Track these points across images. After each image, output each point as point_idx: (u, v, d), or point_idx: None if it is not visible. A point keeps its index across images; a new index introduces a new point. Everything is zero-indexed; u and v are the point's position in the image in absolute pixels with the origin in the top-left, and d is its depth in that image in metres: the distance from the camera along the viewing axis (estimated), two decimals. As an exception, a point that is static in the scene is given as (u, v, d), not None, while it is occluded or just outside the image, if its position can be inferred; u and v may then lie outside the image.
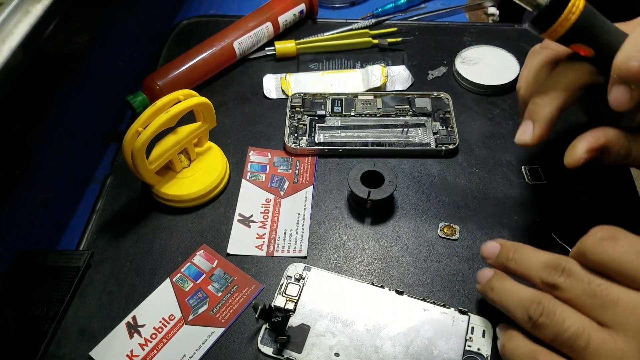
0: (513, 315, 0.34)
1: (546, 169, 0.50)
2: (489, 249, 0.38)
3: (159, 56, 0.63)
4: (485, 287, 0.37)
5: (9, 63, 0.34)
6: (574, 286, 0.32)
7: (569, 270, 0.32)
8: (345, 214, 0.48)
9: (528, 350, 0.32)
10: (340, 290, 0.42)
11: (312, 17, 0.66)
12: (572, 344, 0.30)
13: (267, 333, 0.40)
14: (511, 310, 0.34)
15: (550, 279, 0.33)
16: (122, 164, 0.50)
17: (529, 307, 0.32)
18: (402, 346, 0.39)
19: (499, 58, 0.59)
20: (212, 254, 0.45)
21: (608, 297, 0.30)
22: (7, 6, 0.36)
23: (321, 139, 0.52)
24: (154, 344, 0.40)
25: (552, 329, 0.31)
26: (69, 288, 0.42)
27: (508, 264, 0.36)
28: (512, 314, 0.34)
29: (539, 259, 0.34)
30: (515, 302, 0.34)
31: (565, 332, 0.30)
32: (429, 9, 0.70)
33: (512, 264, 0.36)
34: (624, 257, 0.30)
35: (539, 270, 0.34)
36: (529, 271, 0.35)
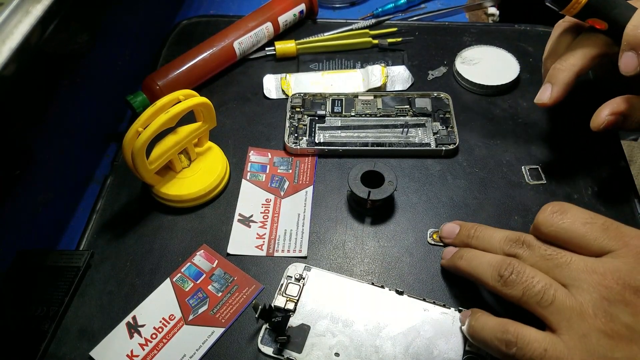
0: (482, 278, 0.36)
1: (546, 169, 0.50)
2: (448, 229, 0.43)
3: (159, 56, 0.63)
4: (453, 257, 0.40)
5: (9, 63, 0.34)
6: (533, 254, 0.35)
7: (527, 242, 0.36)
8: (345, 214, 0.48)
9: (496, 323, 0.34)
10: (340, 290, 0.42)
11: (312, 17, 0.66)
12: (540, 299, 0.33)
13: (267, 333, 0.40)
14: (481, 273, 0.37)
15: (511, 250, 0.36)
16: (122, 164, 0.50)
17: (499, 266, 0.35)
18: (402, 346, 0.39)
19: (499, 58, 0.59)
20: (212, 254, 0.45)
21: (562, 259, 0.34)
22: (7, 6, 0.36)
23: (321, 139, 0.52)
24: (154, 344, 0.40)
25: (521, 285, 0.34)
26: (69, 288, 0.43)
27: (469, 241, 0.40)
28: (481, 276, 0.37)
29: (500, 235, 0.38)
30: (485, 265, 0.37)
31: (534, 287, 0.33)
32: (429, 9, 0.70)
33: (473, 240, 0.40)
34: (572, 227, 0.34)
35: (500, 244, 0.37)
36: (490, 245, 0.38)
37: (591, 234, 0.34)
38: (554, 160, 0.51)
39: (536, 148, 0.52)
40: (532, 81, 0.58)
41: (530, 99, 0.56)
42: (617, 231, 0.34)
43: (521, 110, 0.55)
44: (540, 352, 0.32)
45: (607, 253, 0.33)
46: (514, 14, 0.70)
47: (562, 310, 0.32)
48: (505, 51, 0.59)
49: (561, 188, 0.48)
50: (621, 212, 0.47)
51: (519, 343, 0.32)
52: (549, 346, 0.32)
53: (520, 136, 0.53)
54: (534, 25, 0.64)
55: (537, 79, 0.57)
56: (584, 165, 0.50)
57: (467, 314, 0.38)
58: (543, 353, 0.32)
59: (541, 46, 0.51)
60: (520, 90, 0.57)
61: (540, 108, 0.55)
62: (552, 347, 0.32)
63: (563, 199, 0.48)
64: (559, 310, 0.32)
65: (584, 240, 0.34)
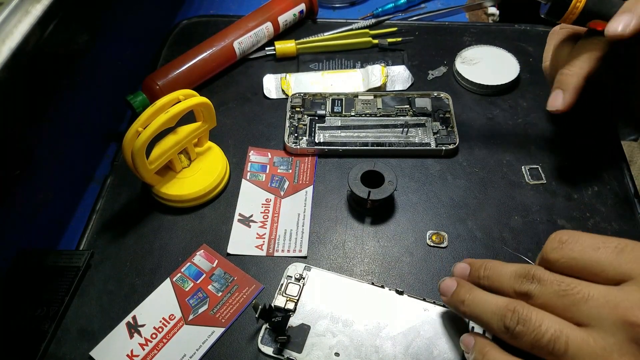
0: (488, 327, 0.34)
1: (546, 169, 0.50)
2: (460, 271, 0.38)
3: (159, 56, 0.63)
4: (454, 300, 0.37)
5: (9, 63, 0.34)
6: (545, 290, 0.32)
7: (538, 277, 0.32)
8: (345, 214, 0.48)
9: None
10: (340, 290, 0.42)
11: (312, 17, 0.66)
12: (552, 348, 0.30)
13: (267, 333, 0.40)
14: (485, 322, 0.34)
15: (522, 287, 0.33)
16: (122, 164, 0.50)
17: (504, 316, 0.32)
18: (402, 346, 0.39)
19: (499, 58, 0.59)
20: (212, 253, 0.45)
21: (579, 294, 0.30)
22: (7, 6, 0.36)
23: (321, 139, 0.52)
24: (154, 344, 0.40)
25: (529, 336, 0.31)
26: (69, 288, 0.42)
27: (481, 282, 0.36)
28: (487, 325, 0.34)
29: (509, 270, 0.34)
30: (489, 314, 0.33)
31: (543, 337, 0.30)
32: (429, 9, 0.70)
33: (484, 281, 0.36)
34: (583, 255, 0.31)
35: (510, 281, 0.34)
36: (501, 284, 0.35)
37: (605, 259, 0.31)
38: (554, 160, 0.51)
39: (536, 148, 0.52)
40: (532, 81, 0.58)
41: (530, 98, 0.56)
42: (634, 253, 0.30)
43: (521, 110, 0.55)
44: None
45: (626, 280, 0.30)
46: (514, 14, 0.70)
47: (578, 356, 0.29)
48: (505, 51, 0.59)
49: (561, 188, 0.48)
50: (621, 212, 0.47)
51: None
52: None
53: (520, 136, 0.53)
54: (534, 25, 0.64)
55: (537, 79, 0.58)
56: (584, 165, 0.50)
57: (470, 342, 0.35)
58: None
59: (541, 46, 0.51)
60: (520, 90, 0.57)
61: (539, 108, 0.55)
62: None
63: (563, 199, 0.48)
64: (575, 356, 0.29)
65: (599, 267, 0.31)
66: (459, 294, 0.36)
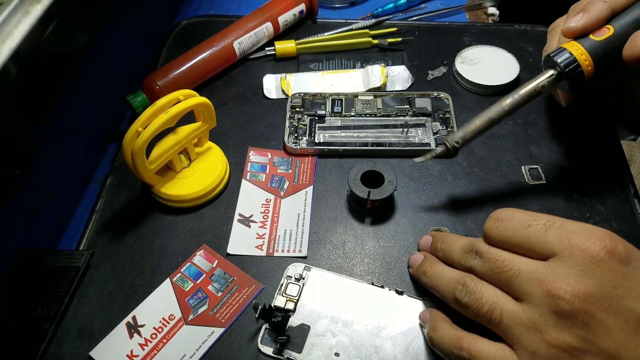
0: (444, 297, 0.37)
1: (546, 169, 0.50)
2: (424, 243, 0.43)
3: (159, 56, 0.63)
4: (417, 271, 0.40)
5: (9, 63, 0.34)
6: (485, 266, 0.35)
7: (480, 252, 0.36)
8: (345, 214, 0.48)
9: (451, 337, 0.35)
10: (340, 290, 0.42)
11: (312, 17, 0.66)
12: (489, 318, 0.33)
13: (267, 333, 0.40)
14: (441, 293, 0.37)
15: (467, 262, 0.36)
16: (122, 164, 0.50)
17: (455, 288, 0.35)
18: (402, 346, 0.39)
19: (499, 58, 0.59)
20: (212, 254, 0.45)
21: (510, 271, 0.33)
22: (7, 6, 0.36)
23: (321, 139, 0.52)
24: (154, 344, 0.40)
25: (473, 307, 0.34)
26: (69, 288, 0.43)
27: (437, 254, 0.40)
28: (442, 296, 0.37)
29: (459, 244, 0.38)
30: (444, 285, 0.37)
31: (482, 307, 0.33)
32: (429, 9, 0.70)
33: (439, 253, 0.40)
34: (514, 233, 0.34)
35: (458, 255, 0.38)
36: (452, 258, 0.38)
37: (534, 237, 0.33)
38: (554, 160, 0.51)
39: (536, 148, 0.52)
40: (532, 81, 0.58)
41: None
42: (560, 230, 0.33)
43: (521, 110, 0.55)
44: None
45: (552, 255, 0.32)
46: (514, 14, 0.70)
47: (512, 327, 0.32)
48: (505, 51, 0.59)
49: (561, 188, 0.48)
50: (621, 212, 0.47)
51: (473, 359, 0.33)
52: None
53: (520, 136, 0.53)
54: (534, 25, 0.64)
55: (537, 79, 0.57)
56: (584, 165, 0.50)
57: (426, 317, 0.39)
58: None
59: (541, 46, 0.51)
60: (520, 90, 0.57)
61: (539, 108, 0.55)
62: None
63: (563, 199, 0.48)
64: (509, 327, 0.32)
65: (528, 244, 0.33)
66: (422, 266, 0.40)
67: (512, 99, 0.42)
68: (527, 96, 0.42)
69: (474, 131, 0.42)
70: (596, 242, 0.31)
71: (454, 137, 0.43)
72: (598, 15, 0.41)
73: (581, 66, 0.40)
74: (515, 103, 0.42)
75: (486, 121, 0.42)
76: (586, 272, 0.31)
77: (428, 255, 0.41)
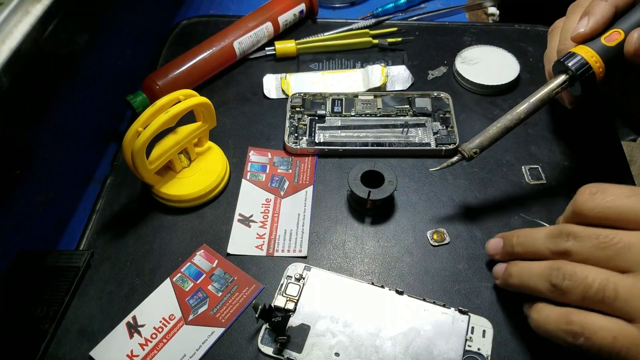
0: (537, 290, 0.34)
1: (546, 169, 0.50)
2: (493, 245, 0.40)
3: (158, 56, 0.63)
4: (504, 277, 0.38)
5: (9, 63, 0.34)
6: (584, 245, 0.32)
7: (573, 233, 0.33)
8: (345, 214, 0.48)
9: (559, 315, 0.33)
10: (340, 290, 0.42)
11: (312, 17, 0.66)
12: (602, 297, 0.31)
13: (267, 333, 0.40)
14: (534, 286, 0.35)
15: (560, 246, 0.34)
16: (122, 164, 0.50)
17: (550, 275, 0.33)
18: (402, 346, 0.39)
19: (499, 58, 0.59)
20: (212, 253, 0.45)
21: (619, 243, 0.31)
22: (7, 6, 0.36)
23: (321, 139, 0.52)
24: (154, 344, 0.40)
25: (578, 289, 0.32)
26: (69, 288, 0.42)
27: (515, 250, 0.38)
28: (536, 289, 0.35)
29: (541, 234, 0.36)
30: (535, 277, 0.34)
31: (591, 287, 0.31)
32: (429, 9, 0.70)
33: (518, 248, 0.37)
34: (617, 203, 0.32)
35: (545, 243, 0.35)
36: (536, 248, 0.36)
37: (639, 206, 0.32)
38: (554, 160, 0.51)
39: (536, 148, 0.52)
40: (532, 81, 0.58)
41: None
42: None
43: (521, 110, 0.55)
44: (609, 341, 0.30)
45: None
46: (514, 14, 0.70)
47: (631, 300, 0.30)
48: (505, 51, 0.59)
49: (561, 188, 0.48)
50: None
51: (586, 333, 0.31)
52: (618, 333, 0.30)
53: (520, 136, 0.53)
54: (534, 25, 0.64)
55: (537, 79, 0.58)
56: (584, 165, 0.50)
57: (528, 306, 0.37)
58: (613, 341, 0.30)
59: (541, 46, 0.51)
60: (520, 90, 0.57)
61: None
62: (623, 335, 0.30)
63: (563, 199, 0.48)
64: (627, 301, 0.30)
65: (634, 214, 0.32)
66: (507, 269, 0.38)
67: (527, 105, 0.42)
68: (541, 102, 0.42)
69: (491, 139, 0.42)
70: None
71: (471, 146, 0.42)
72: (603, 17, 0.41)
73: (593, 69, 0.40)
74: (530, 109, 0.42)
75: (502, 129, 0.42)
76: None
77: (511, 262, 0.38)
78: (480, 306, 0.41)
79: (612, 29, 0.41)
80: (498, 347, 0.39)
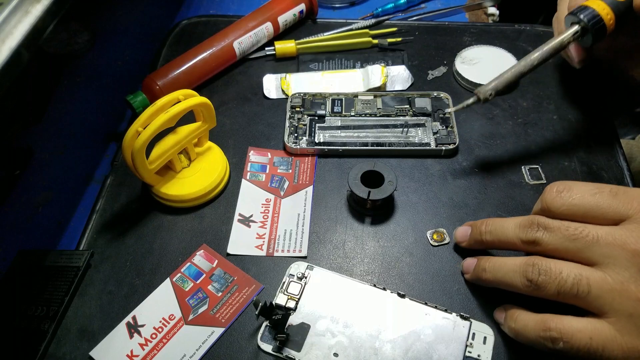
0: (513, 286, 0.35)
1: (546, 169, 0.50)
2: (461, 233, 0.42)
3: (158, 56, 0.62)
4: (476, 272, 0.39)
5: (9, 63, 0.34)
6: (554, 236, 0.34)
7: (544, 224, 0.34)
8: (345, 214, 0.48)
9: (536, 322, 0.34)
10: (341, 291, 0.42)
11: (312, 17, 0.66)
12: (576, 292, 0.32)
13: (267, 330, 0.40)
14: (509, 281, 0.36)
15: (530, 235, 0.35)
16: (122, 164, 0.50)
17: (525, 271, 0.34)
18: (402, 349, 0.39)
19: (499, 58, 0.59)
20: (212, 253, 0.45)
21: (588, 236, 0.32)
22: (7, 6, 0.36)
23: (321, 139, 0.52)
24: (154, 344, 0.40)
25: (553, 285, 0.33)
26: (68, 288, 0.43)
27: (484, 237, 0.39)
28: (511, 284, 0.35)
29: (511, 223, 0.37)
30: (511, 273, 0.35)
31: (565, 282, 0.32)
32: (429, 9, 0.70)
33: (487, 236, 0.38)
34: (583, 201, 0.34)
35: (515, 231, 0.36)
36: (506, 236, 0.37)
37: (604, 202, 0.33)
38: (554, 160, 0.51)
39: (536, 148, 0.52)
40: (532, 81, 0.58)
41: (530, 98, 0.56)
42: (627, 195, 0.33)
43: (521, 110, 0.55)
44: (586, 342, 0.31)
45: (625, 219, 0.32)
46: (514, 14, 0.70)
47: (602, 295, 0.31)
48: (505, 51, 0.59)
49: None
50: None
51: (564, 337, 0.32)
52: (593, 333, 0.31)
53: (520, 136, 0.53)
54: (534, 25, 0.64)
55: (537, 79, 0.58)
56: (584, 165, 0.50)
57: (502, 314, 0.38)
58: (589, 342, 0.31)
59: (541, 46, 0.51)
60: (520, 91, 0.57)
61: (539, 108, 0.55)
62: (597, 334, 0.31)
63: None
64: (598, 296, 0.31)
65: (599, 211, 0.33)
66: (478, 265, 0.39)
67: (540, 53, 0.44)
68: (554, 50, 0.44)
69: (505, 82, 0.44)
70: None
71: (486, 88, 0.44)
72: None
73: (604, 20, 0.42)
74: (543, 57, 0.44)
75: (516, 74, 0.44)
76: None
77: (482, 257, 0.40)
78: (482, 312, 0.41)
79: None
80: (499, 355, 0.39)
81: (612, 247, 0.32)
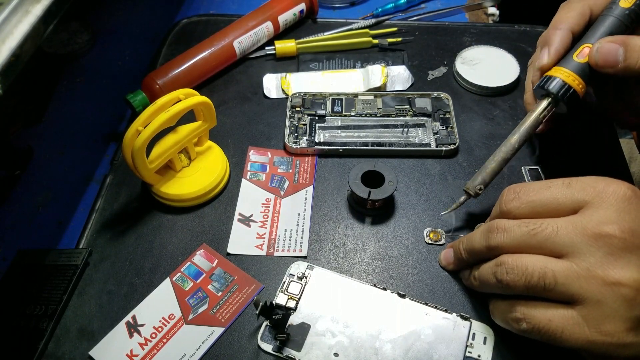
0: (492, 289, 0.36)
1: (546, 169, 0.50)
2: (445, 256, 0.43)
3: (158, 55, 0.62)
4: (470, 280, 0.40)
5: (9, 63, 0.34)
6: (514, 235, 0.34)
7: (502, 227, 0.35)
8: (346, 214, 0.48)
9: (506, 305, 0.35)
10: (342, 291, 0.42)
11: (312, 17, 0.66)
12: (543, 285, 0.32)
13: (267, 330, 0.40)
14: (488, 285, 0.36)
15: (491, 241, 0.36)
16: (122, 163, 0.50)
17: (495, 272, 0.35)
18: (402, 349, 0.39)
19: (499, 58, 0.59)
20: (212, 253, 0.45)
21: (548, 229, 0.33)
22: (7, 6, 0.36)
23: (321, 139, 0.52)
24: (154, 344, 0.40)
25: (521, 281, 0.33)
26: (67, 286, 0.42)
27: (463, 256, 0.40)
28: (491, 288, 0.36)
29: (477, 233, 0.38)
30: (486, 276, 0.36)
31: (532, 277, 0.32)
32: (429, 9, 0.70)
33: (464, 254, 0.39)
34: (539, 196, 0.34)
35: (480, 241, 0.37)
36: (475, 249, 0.38)
37: (559, 194, 0.34)
38: (554, 160, 0.51)
39: (536, 148, 0.52)
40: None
41: (530, 99, 0.56)
42: (580, 183, 0.34)
43: (521, 110, 0.55)
44: (545, 323, 0.32)
45: (582, 206, 0.33)
46: (514, 14, 0.70)
47: (570, 284, 0.31)
48: (505, 51, 0.59)
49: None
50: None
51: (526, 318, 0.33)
52: (552, 316, 0.32)
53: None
54: (534, 25, 0.64)
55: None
56: (584, 165, 0.50)
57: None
58: (548, 323, 0.32)
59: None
60: (520, 91, 0.57)
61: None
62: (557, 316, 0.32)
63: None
64: (566, 285, 0.31)
65: (556, 202, 0.34)
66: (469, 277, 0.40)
67: (519, 135, 0.43)
68: (532, 128, 0.43)
69: (492, 173, 0.43)
70: (619, 185, 0.33)
71: (474, 184, 0.43)
72: (562, 43, 0.43)
73: (573, 87, 0.42)
74: (522, 138, 0.43)
75: (500, 161, 0.43)
76: (622, 210, 0.32)
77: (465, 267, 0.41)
78: (483, 312, 0.41)
79: (582, 45, 0.42)
80: (499, 355, 0.39)
81: (573, 235, 0.32)
